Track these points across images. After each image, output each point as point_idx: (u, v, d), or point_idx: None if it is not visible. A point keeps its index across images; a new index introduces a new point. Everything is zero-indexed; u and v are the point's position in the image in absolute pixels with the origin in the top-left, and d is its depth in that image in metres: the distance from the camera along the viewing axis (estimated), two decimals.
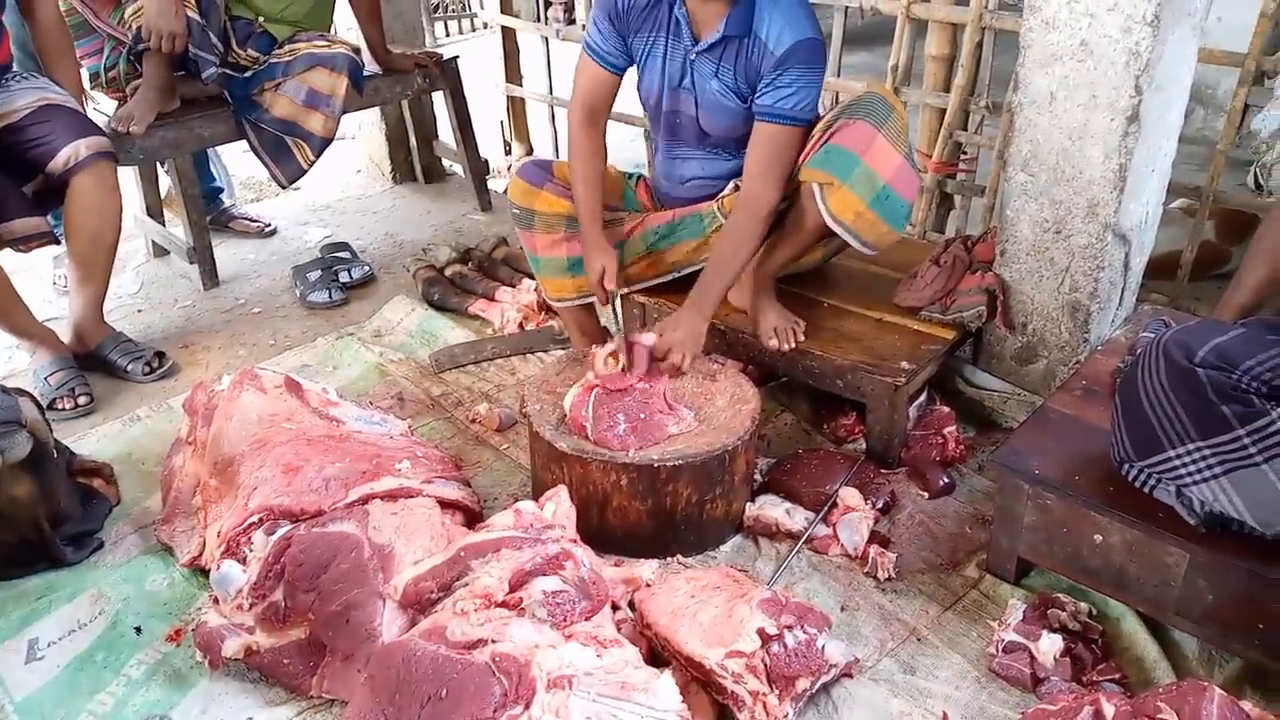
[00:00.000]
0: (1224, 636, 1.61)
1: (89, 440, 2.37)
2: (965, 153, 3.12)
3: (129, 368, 2.63)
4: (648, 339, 2.02)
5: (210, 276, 3.17)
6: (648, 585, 1.78)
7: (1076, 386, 1.98)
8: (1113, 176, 2.05)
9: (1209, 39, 2.41)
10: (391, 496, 1.85)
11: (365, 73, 3.18)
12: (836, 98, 3.23)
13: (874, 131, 2.01)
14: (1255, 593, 1.54)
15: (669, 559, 1.96)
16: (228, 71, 2.93)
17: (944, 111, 3.05)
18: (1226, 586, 1.57)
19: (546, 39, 4.03)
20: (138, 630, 1.80)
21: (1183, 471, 1.55)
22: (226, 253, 3.41)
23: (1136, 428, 1.60)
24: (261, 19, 3.01)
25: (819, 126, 2.13)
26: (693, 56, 2.14)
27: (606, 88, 2.25)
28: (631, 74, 2.28)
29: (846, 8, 3.15)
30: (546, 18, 4.07)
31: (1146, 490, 1.64)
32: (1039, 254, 2.23)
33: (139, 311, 3.06)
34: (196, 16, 2.77)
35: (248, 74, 2.97)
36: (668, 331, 2.07)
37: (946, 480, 2.13)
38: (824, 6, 3.00)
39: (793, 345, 2.20)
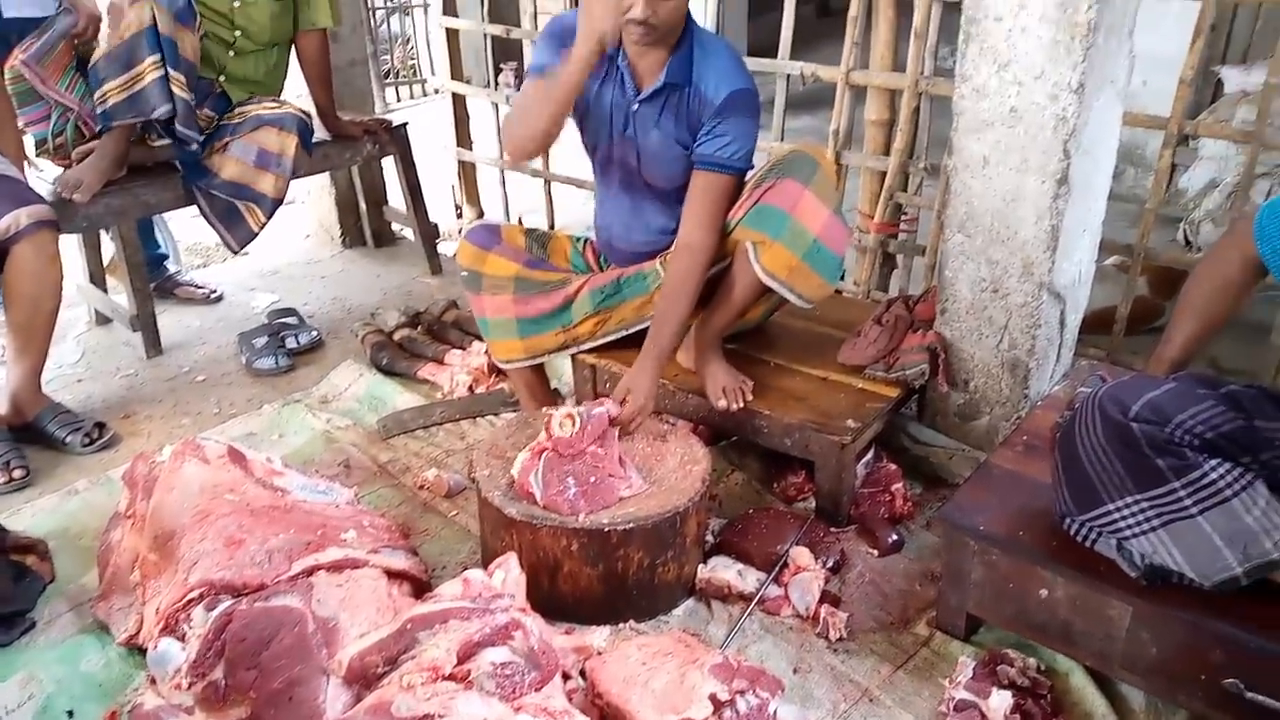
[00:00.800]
0: (1169, 689, 1.63)
1: (24, 515, 2.30)
2: (906, 213, 3.20)
3: (67, 439, 2.57)
4: (606, 407, 2.03)
5: (153, 344, 3.13)
6: (599, 653, 1.76)
7: (1018, 442, 2.01)
8: (1045, 237, 2.11)
9: (1135, 103, 2.51)
10: (337, 567, 1.81)
11: (315, 138, 3.20)
12: None
13: (801, 188, 2.09)
14: (1197, 644, 1.56)
15: (621, 625, 1.94)
16: (186, 132, 2.92)
17: (884, 174, 3.13)
18: (1169, 638, 1.59)
19: (496, 105, 4.08)
20: (70, 715, 1.73)
21: (1122, 524, 1.58)
22: (171, 320, 3.37)
23: (1076, 482, 1.63)
24: (222, 78, 3.02)
25: (749, 186, 2.20)
26: (635, 106, 2.19)
27: None
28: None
29: (789, 74, 3.24)
30: (497, 83, 4.12)
31: (1088, 544, 1.66)
32: (978, 312, 2.28)
33: (79, 381, 3.00)
34: (187, 95, 2.77)
35: (200, 138, 2.96)
36: (629, 387, 2.10)
37: (895, 538, 2.15)
38: (766, 73, 3.08)
39: (741, 405, 2.21)
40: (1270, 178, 3.70)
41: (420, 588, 1.93)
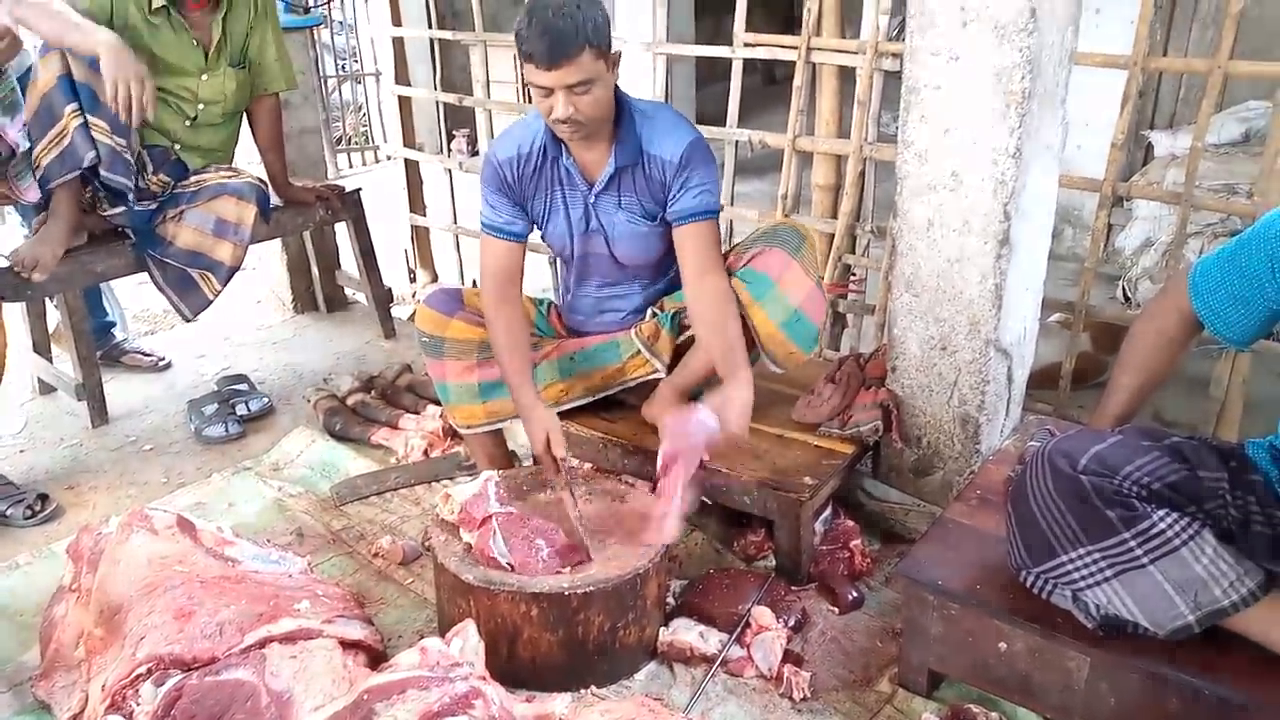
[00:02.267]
0: None
1: None
2: (854, 274, 3.27)
3: (8, 512, 2.50)
4: (697, 426, 2.03)
5: (99, 414, 3.06)
6: None
7: (972, 496, 2.04)
8: (990, 295, 2.17)
9: (1070, 166, 2.61)
10: (290, 639, 1.77)
11: (270, 203, 3.19)
12: (731, 226, 3.37)
13: (789, 259, 2.17)
14: (1154, 693, 1.58)
15: (582, 691, 1.91)
16: (134, 205, 2.90)
17: (833, 236, 3.21)
18: (1127, 688, 1.61)
19: (450, 170, 4.11)
20: None
21: (1075, 576, 1.60)
22: (117, 388, 3.31)
23: (1030, 535, 1.66)
24: (177, 146, 3.01)
25: (736, 250, 2.26)
26: (592, 199, 2.21)
27: (514, 257, 2.27)
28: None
29: (737, 141, 3.31)
30: (450, 150, 4.17)
31: (1044, 596, 1.68)
32: (928, 369, 2.32)
33: (21, 452, 2.93)
34: (110, 141, 2.70)
35: (153, 205, 2.94)
36: (724, 415, 2.07)
37: (855, 594, 2.15)
38: (715, 140, 3.16)
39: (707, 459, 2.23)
40: (1201, 236, 3.85)
41: (376, 658, 1.89)
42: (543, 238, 2.34)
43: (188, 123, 3.00)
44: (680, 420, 2.05)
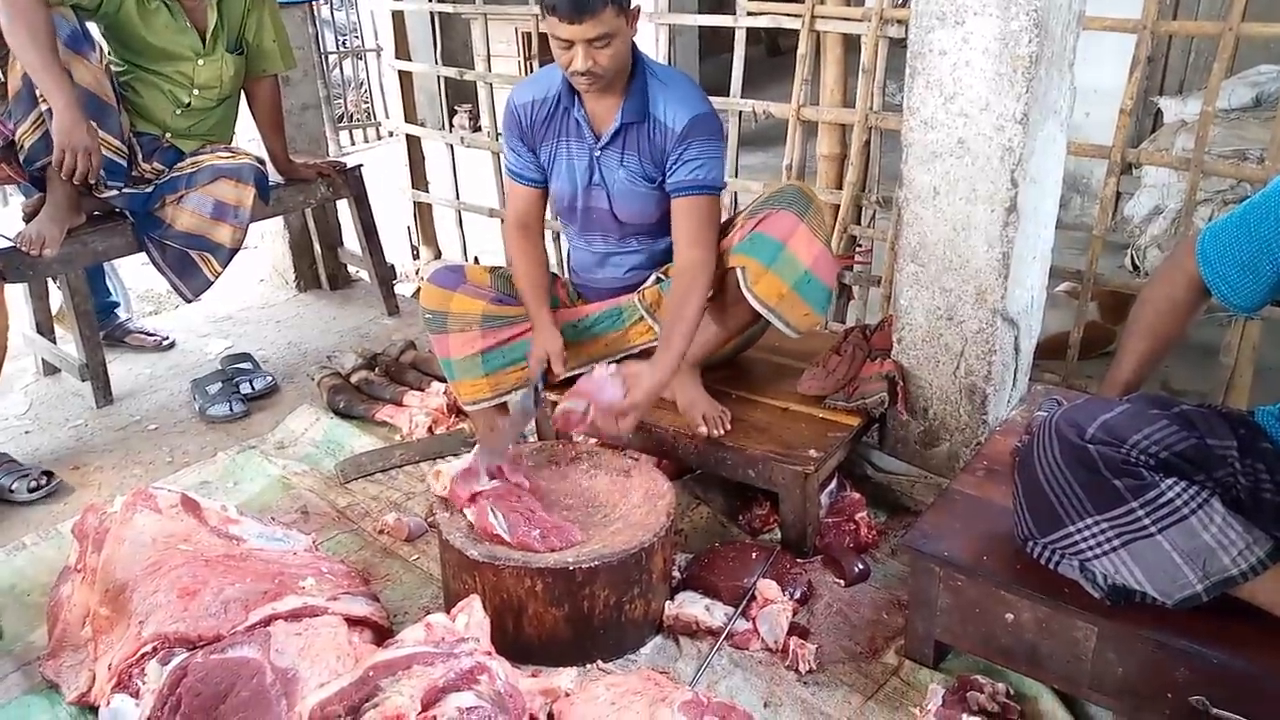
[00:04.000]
0: (1136, 708, 1.63)
1: None
2: (860, 245, 3.24)
3: (13, 487, 2.50)
4: (606, 384, 2.04)
5: (104, 394, 3.06)
6: (566, 695, 1.73)
7: (979, 467, 2.03)
8: (997, 264, 2.15)
9: (1079, 134, 2.57)
10: (295, 616, 1.77)
11: (269, 183, 3.17)
12: (735, 198, 3.34)
13: (797, 220, 2.13)
14: (1162, 662, 1.57)
15: (588, 665, 1.91)
16: (128, 189, 2.88)
17: (838, 207, 3.17)
18: (1134, 658, 1.60)
19: (452, 146, 4.08)
20: None
21: (1083, 546, 1.59)
22: (121, 368, 3.31)
23: (1037, 505, 1.65)
24: (169, 134, 2.99)
25: (744, 215, 2.24)
26: (598, 153, 2.22)
27: (536, 202, 2.38)
28: None
29: (741, 112, 3.28)
30: (452, 125, 4.13)
31: (1051, 566, 1.67)
32: (934, 340, 2.30)
33: (26, 433, 2.93)
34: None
35: (149, 189, 2.92)
36: (625, 376, 2.08)
37: (861, 567, 2.14)
38: (720, 109, 3.12)
39: (722, 431, 2.24)
40: (1211, 203, 3.80)
41: (382, 634, 1.89)
42: (550, 188, 2.35)
43: (179, 111, 2.97)
44: (593, 380, 2.07)
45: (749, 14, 3.17)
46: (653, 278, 2.36)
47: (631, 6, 2.04)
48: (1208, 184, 3.68)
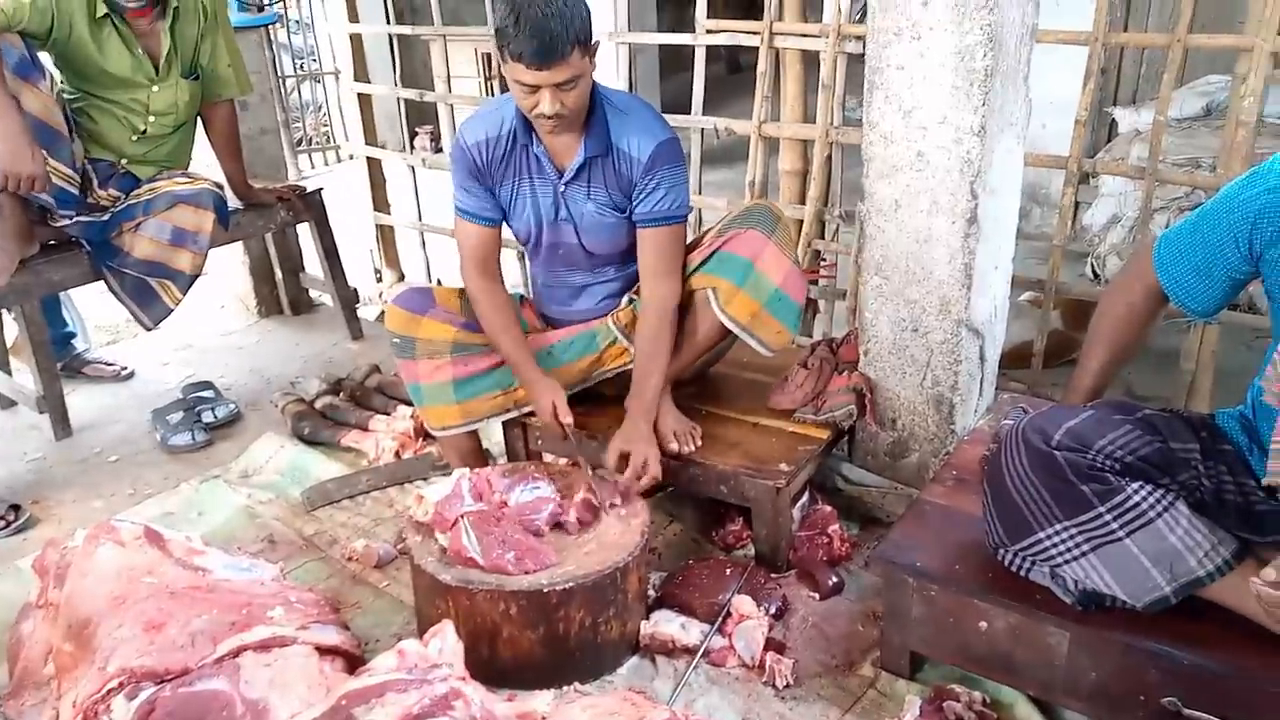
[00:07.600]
0: (1110, 711, 1.65)
1: None
2: (824, 259, 3.26)
3: None
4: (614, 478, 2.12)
5: (62, 426, 3.00)
6: (544, 718, 1.71)
7: (948, 477, 2.04)
8: (960, 275, 2.17)
9: (1036, 144, 2.61)
10: (264, 647, 1.74)
11: (229, 207, 3.14)
12: (700, 215, 3.35)
13: (765, 239, 2.15)
14: (1134, 665, 1.59)
15: (565, 688, 1.90)
16: (82, 218, 2.83)
17: (802, 222, 3.20)
18: (1107, 662, 1.61)
19: (413, 167, 4.07)
20: None
21: (1053, 552, 1.61)
22: (80, 400, 3.24)
23: (1006, 513, 1.66)
24: (125, 161, 2.95)
25: (710, 234, 2.25)
26: (562, 188, 2.19)
27: (490, 241, 2.30)
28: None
29: (703, 129, 3.30)
30: (413, 146, 4.12)
31: (1022, 573, 1.69)
32: (900, 352, 2.32)
33: None
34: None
35: (105, 217, 2.88)
36: (629, 447, 2.14)
37: (835, 580, 2.15)
38: (681, 128, 3.14)
39: (693, 448, 2.24)
40: (1167, 210, 3.88)
41: (353, 663, 1.86)
42: (508, 223, 2.31)
43: (135, 137, 2.93)
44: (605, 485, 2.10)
45: (708, 31, 3.19)
46: (625, 299, 2.36)
47: (592, 42, 2.00)
48: (1163, 192, 3.75)
